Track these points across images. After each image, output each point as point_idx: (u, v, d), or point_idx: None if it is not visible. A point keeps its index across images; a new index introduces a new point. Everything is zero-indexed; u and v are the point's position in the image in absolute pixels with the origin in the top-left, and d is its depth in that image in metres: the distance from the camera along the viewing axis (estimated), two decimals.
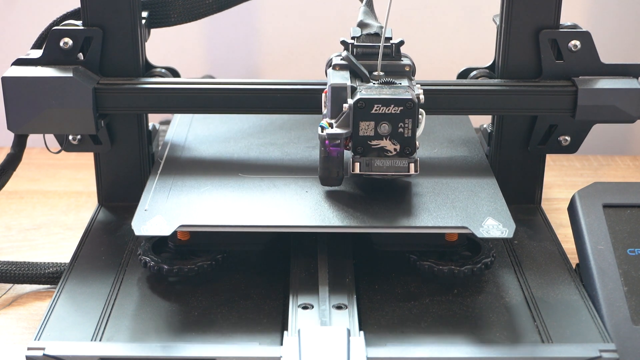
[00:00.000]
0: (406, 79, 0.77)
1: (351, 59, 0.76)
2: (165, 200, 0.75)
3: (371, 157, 0.73)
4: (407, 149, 0.73)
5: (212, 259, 0.75)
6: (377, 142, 0.73)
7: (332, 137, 0.73)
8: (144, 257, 0.75)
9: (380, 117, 0.72)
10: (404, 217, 0.72)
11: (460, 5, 1.15)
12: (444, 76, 1.00)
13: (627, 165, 1.13)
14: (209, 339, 0.68)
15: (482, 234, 0.70)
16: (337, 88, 0.73)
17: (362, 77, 0.76)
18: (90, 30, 0.82)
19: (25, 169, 1.02)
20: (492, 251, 0.76)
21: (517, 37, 0.84)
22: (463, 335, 0.69)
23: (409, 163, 0.73)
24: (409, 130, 0.73)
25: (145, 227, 0.70)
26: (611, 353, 0.66)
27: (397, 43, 0.79)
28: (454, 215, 0.72)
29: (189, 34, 1.16)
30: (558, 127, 0.86)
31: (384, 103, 0.72)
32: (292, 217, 0.72)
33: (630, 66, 0.83)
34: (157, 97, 0.82)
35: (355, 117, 0.72)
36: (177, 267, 0.74)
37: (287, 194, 0.76)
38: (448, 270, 0.74)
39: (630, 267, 0.73)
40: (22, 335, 0.75)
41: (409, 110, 0.72)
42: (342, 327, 0.66)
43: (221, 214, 0.73)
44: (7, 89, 0.80)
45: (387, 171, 0.74)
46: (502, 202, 0.74)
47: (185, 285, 0.75)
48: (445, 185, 0.78)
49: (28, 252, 0.90)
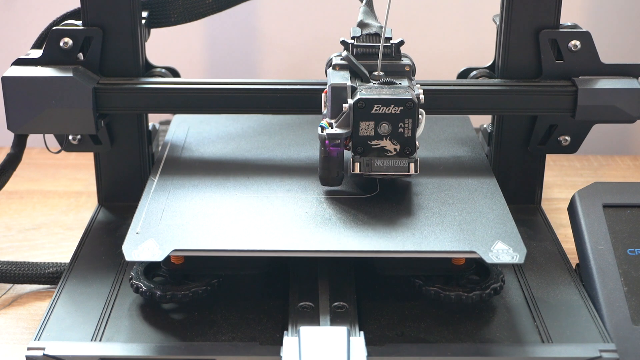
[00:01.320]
0: (406, 79, 0.76)
1: (351, 58, 0.76)
2: (158, 222, 0.71)
3: (371, 157, 0.73)
4: (407, 149, 0.73)
5: (207, 284, 0.72)
6: (377, 142, 0.73)
7: (332, 137, 0.72)
8: (136, 282, 0.72)
9: (380, 117, 0.72)
10: (409, 240, 0.68)
11: (460, 5, 1.15)
12: (444, 76, 1.01)
13: (627, 165, 1.13)
14: (209, 339, 0.68)
15: (492, 259, 0.66)
16: (337, 88, 0.73)
17: (362, 77, 0.76)
18: (90, 30, 0.82)
19: (25, 169, 1.02)
20: (501, 275, 0.73)
21: (517, 37, 0.84)
22: (463, 335, 0.69)
23: (409, 163, 0.73)
24: (409, 130, 0.72)
25: (137, 252, 0.67)
26: (611, 353, 0.66)
27: (397, 43, 0.78)
28: (462, 239, 0.69)
29: (189, 34, 1.16)
30: (558, 127, 0.86)
31: (384, 103, 0.72)
32: (291, 240, 0.69)
33: (630, 66, 0.83)
34: (157, 97, 0.82)
35: (355, 117, 0.72)
36: (170, 293, 0.71)
37: (286, 215, 0.72)
38: (455, 297, 0.70)
39: (630, 267, 0.73)
40: (22, 335, 0.75)
41: (409, 110, 0.72)
42: (342, 327, 0.66)
43: (217, 237, 0.69)
44: (7, 89, 0.80)
45: (387, 171, 0.73)
46: (511, 224, 0.71)
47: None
48: (450, 199, 0.75)
49: (28, 252, 0.90)
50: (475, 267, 0.74)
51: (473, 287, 0.71)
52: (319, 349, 0.64)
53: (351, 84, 0.73)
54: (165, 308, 0.72)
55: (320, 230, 0.70)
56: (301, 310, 0.70)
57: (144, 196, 0.76)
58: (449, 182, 0.79)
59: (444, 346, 0.67)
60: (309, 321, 0.68)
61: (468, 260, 0.73)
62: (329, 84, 0.73)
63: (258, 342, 0.67)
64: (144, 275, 0.73)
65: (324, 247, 0.68)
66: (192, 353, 0.65)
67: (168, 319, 0.71)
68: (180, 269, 0.73)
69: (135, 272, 0.73)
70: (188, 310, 0.71)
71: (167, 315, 0.71)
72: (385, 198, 0.75)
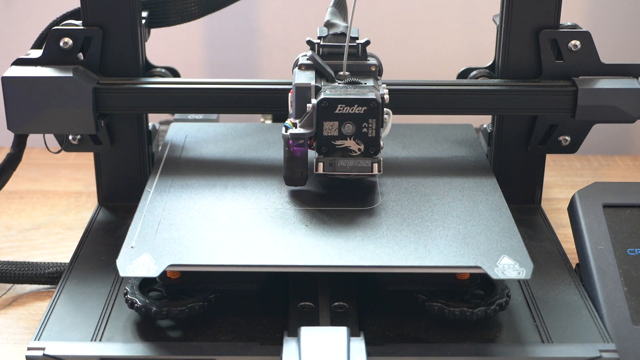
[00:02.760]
0: (372, 78, 0.76)
1: (316, 58, 0.76)
2: (153, 235, 0.69)
3: (335, 157, 0.73)
4: (371, 149, 0.72)
5: (205, 299, 0.70)
6: (342, 142, 0.72)
7: (295, 137, 0.72)
8: (131, 297, 0.69)
9: (344, 117, 0.72)
10: (413, 255, 0.67)
11: (460, 5, 1.15)
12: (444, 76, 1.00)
13: (627, 165, 1.13)
14: (209, 339, 0.68)
15: (497, 274, 0.65)
16: (301, 88, 0.73)
17: (328, 77, 0.76)
18: (90, 30, 0.82)
19: (25, 169, 1.02)
20: (506, 290, 0.71)
21: (517, 37, 0.84)
22: (463, 335, 0.69)
23: (373, 163, 0.73)
24: (373, 131, 0.72)
25: (132, 267, 0.65)
26: (611, 353, 0.66)
27: (363, 43, 0.78)
28: (466, 253, 0.67)
29: (189, 34, 1.16)
30: (558, 127, 0.86)
31: (348, 103, 0.71)
32: (290, 255, 0.67)
33: (630, 66, 0.83)
34: (157, 97, 0.82)
35: (319, 117, 0.72)
36: (166, 310, 0.68)
37: (285, 228, 0.70)
38: (460, 313, 0.68)
39: (630, 267, 0.73)
40: (22, 335, 0.75)
41: (372, 110, 0.72)
42: (342, 327, 0.66)
43: (214, 251, 0.67)
44: (7, 89, 0.80)
45: (350, 171, 0.73)
46: (517, 238, 0.69)
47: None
48: (454, 210, 0.74)
49: (28, 252, 0.90)
50: (480, 281, 0.72)
51: (478, 302, 0.69)
52: (319, 349, 0.64)
53: (316, 84, 0.73)
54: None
55: (321, 244, 0.68)
56: (301, 310, 0.70)
57: (139, 208, 0.74)
58: (450, 185, 0.78)
59: (444, 346, 0.67)
60: (309, 321, 0.68)
61: (473, 274, 0.71)
62: (293, 84, 0.73)
63: (258, 342, 0.67)
64: (139, 290, 0.70)
65: (325, 262, 0.66)
66: (192, 353, 0.65)
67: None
68: (176, 283, 0.71)
69: (131, 287, 0.70)
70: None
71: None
72: (387, 210, 0.74)
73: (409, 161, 0.85)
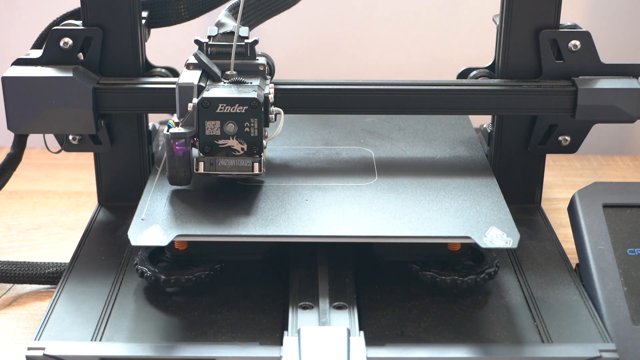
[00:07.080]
0: (259, 78, 0.76)
1: (201, 57, 0.75)
2: (162, 209, 0.73)
3: (217, 156, 0.73)
4: (254, 148, 0.73)
5: (210, 269, 0.74)
6: (224, 142, 0.73)
7: (176, 137, 0.72)
8: (141, 267, 0.74)
9: (226, 117, 0.72)
10: (406, 226, 0.71)
11: (460, 5, 1.15)
12: (444, 76, 1.00)
13: (627, 165, 1.13)
14: (209, 339, 0.68)
15: (486, 244, 0.68)
16: (184, 87, 0.73)
17: (213, 76, 0.75)
18: (90, 30, 0.82)
19: (25, 169, 1.02)
20: (495, 261, 0.75)
21: (517, 37, 0.84)
22: (463, 335, 0.69)
23: (253, 162, 0.73)
24: (256, 130, 0.72)
25: (142, 237, 0.68)
26: (611, 353, 0.66)
27: (251, 42, 0.78)
28: (457, 225, 0.71)
29: (189, 34, 1.15)
30: (558, 127, 0.86)
31: (229, 102, 0.72)
32: (291, 226, 0.70)
33: (630, 66, 0.83)
34: (157, 97, 0.82)
35: (200, 116, 0.72)
36: (174, 278, 0.73)
37: (286, 202, 0.74)
38: (451, 281, 0.73)
39: (630, 267, 0.73)
40: (22, 335, 0.75)
41: (253, 109, 0.72)
42: (342, 327, 0.66)
43: (219, 223, 0.71)
44: (7, 89, 0.80)
45: (231, 170, 0.73)
46: (505, 210, 0.73)
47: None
48: (446, 187, 0.77)
49: (28, 252, 0.90)
50: (471, 253, 0.76)
51: (468, 272, 0.73)
52: (319, 349, 0.64)
53: (200, 84, 0.73)
54: (166, 308, 0.72)
55: (320, 216, 0.72)
56: (301, 310, 0.70)
57: (148, 184, 0.77)
58: (443, 164, 0.82)
59: (444, 346, 0.67)
60: (309, 321, 0.68)
61: (463, 246, 0.75)
62: (176, 84, 0.73)
63: (258, 342, 0.67)
64: (148, 261, 0.74)
65: (323, 232, 0.70)
66: (192, 353, 0.65)
67: (168, 318, 0.71)
68: (183, 254, 0.75)
69: (140, 258, 0.75)
70: (188, 310, 0.71)
71: (168, 315, 0.71)
72: (383, 186, 0.77)
73: (405, 139, 0.89)
